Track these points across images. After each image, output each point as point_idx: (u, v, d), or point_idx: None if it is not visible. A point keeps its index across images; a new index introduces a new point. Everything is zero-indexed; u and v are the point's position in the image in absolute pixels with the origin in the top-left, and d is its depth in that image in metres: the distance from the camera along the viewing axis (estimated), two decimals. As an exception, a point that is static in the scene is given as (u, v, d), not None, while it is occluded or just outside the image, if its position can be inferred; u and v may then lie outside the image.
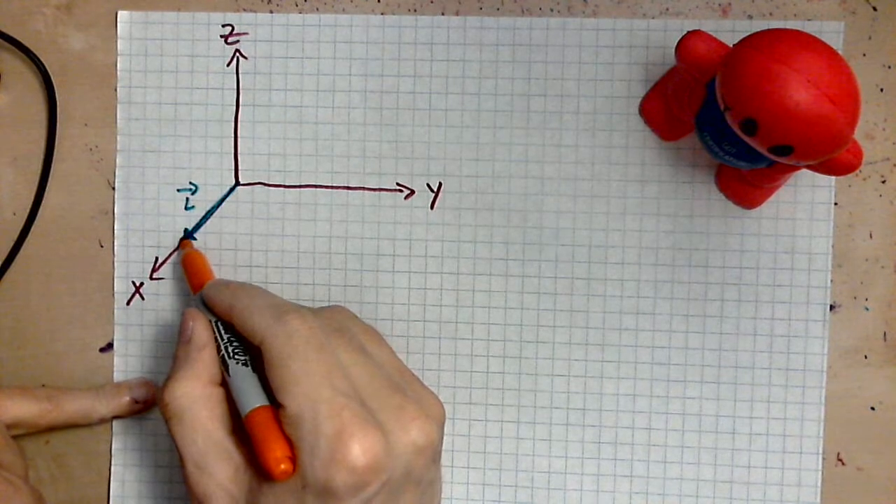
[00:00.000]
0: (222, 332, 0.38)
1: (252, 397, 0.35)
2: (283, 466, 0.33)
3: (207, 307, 0.39)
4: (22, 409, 0.41)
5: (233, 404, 0.36)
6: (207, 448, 0.36)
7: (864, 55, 0.41)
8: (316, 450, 0.33)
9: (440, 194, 0.42)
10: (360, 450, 0.32)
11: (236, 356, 0.37)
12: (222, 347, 0.37)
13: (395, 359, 0.38)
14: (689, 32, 0.36)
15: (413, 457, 0.34)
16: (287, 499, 0.33)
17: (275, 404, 0.35)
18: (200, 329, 0.38)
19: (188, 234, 0.43)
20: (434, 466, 0.36)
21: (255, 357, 0.37)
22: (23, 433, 0.42)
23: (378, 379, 0.35)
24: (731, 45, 0.35)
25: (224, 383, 0.37)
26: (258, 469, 0.35)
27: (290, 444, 0.33)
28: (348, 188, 0.43)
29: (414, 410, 0.35)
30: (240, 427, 0.36)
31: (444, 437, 0.42)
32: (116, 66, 0.43)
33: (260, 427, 0.34)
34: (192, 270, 0.42)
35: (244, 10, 0.43)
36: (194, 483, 0.36)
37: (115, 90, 0.43)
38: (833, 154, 0.33)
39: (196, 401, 0.36)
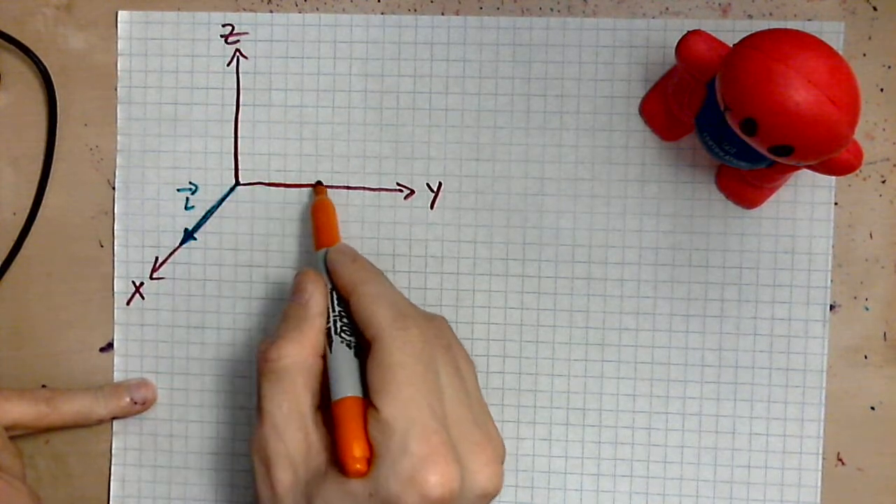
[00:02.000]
0: (335, 304, 0.37)
1: (347, 384, 0.35)
2: (358, 466, 0.33)
3: (328, 271, 0.38)
4: (20, 411, 0.41)
5: (326, 379, 0.36)
6: (291, 416, 0.35)
7: (864, 55, 0.41)
8: (397, 465, 0.32)
9: (440, 194, 0.42)
10: (438, 480, 0.32)
11: (343, 334, 0.36)
12: (331, 319, 0.37)
13: (478, 388, 0.37)
14: (689, 32, 0.36)
15: (477, 500, 0.34)
16: (350, 498, 0.33)
17: (368, 399, 0.34)
18: (319, 296, 0.37)
19: (189, 234, 0.43)
20: None
21: (360, 343, 0.36)
22: (21, 434, 0.42)
23: (466, 409, 0.35)
24: (731, 45, 0.35)
25: (324, 356, 0.37)
26: (332, 455, 0.34)
27: (371, 446, 0.33)
28: (348, 188, 0.43)
29: (491, 453, 0.34)
30: (326, 405, 0.36)
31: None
32: (116, 66, 0.43)
33: (347, 418, 0.34)
34: (321, 223, 0.41)
35: (244, 10, 0.43)
36: (265, 443, 0.35)
37: (115, 90, 0.43)
38: (833, 154, 0.33)
39: (296, 367, 0.36)
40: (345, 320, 0.37)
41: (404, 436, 0.33)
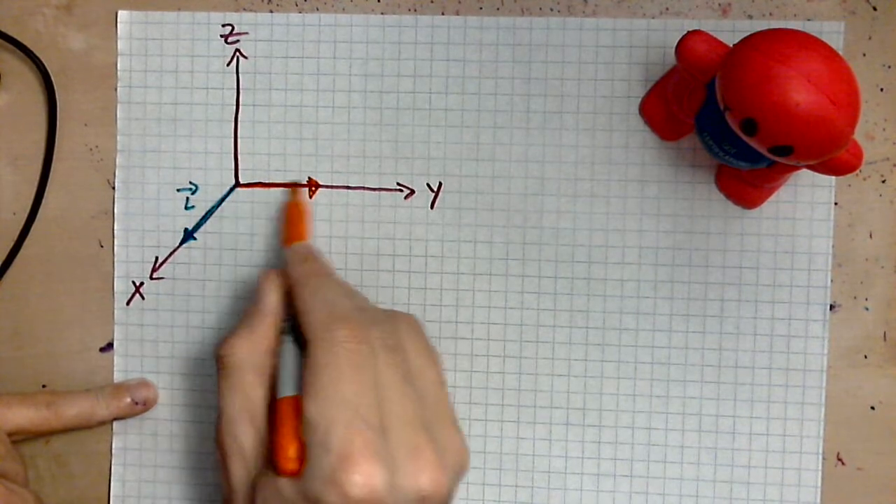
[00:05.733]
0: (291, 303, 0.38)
1: (289, 383, 0.35)
2: (290, 466, 0.33)
3: None
4: (22, 417, 0.41)
5: None
6: (242, 411, 0.36)
7: (864, 55, 0.41)
8: (319, 464, 0.33)
9: (440, 194, 0.42)
10: (359, 480, 0.32)
11: (293, 333, 0.37)
12: (285, 318, 0.37)
13: (440, 391, 0.37)
14: (689, 32, 0.36)
15: (415, 503, 0.33)
16: (281, 496, 0.33)
17: None
18: (272, 295, 0.38)
19: (189, 234, 0.43)
20: None
21: None
22: (23, 439, 0.42)
23: (410, 412, 0.34)
24: (731, 45, 0.35)
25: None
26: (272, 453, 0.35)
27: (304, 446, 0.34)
28: (348, 188, 0.43)
29: (431, 455, 0.34)
30: None
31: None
32: (116, 66, 0.43)
33: (284, 417, 0.34)
34: (289, 222, 0.41)
35: (244, 9, 0.43)
36: (221, 438, 0.36)
37: (115, 90, 0.43)
38: (833, 154, 0.33)
39: (246, 364, 0.37)
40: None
41: (326, 435, 0.33)
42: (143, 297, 0.44)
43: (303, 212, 0.42)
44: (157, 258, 0.43)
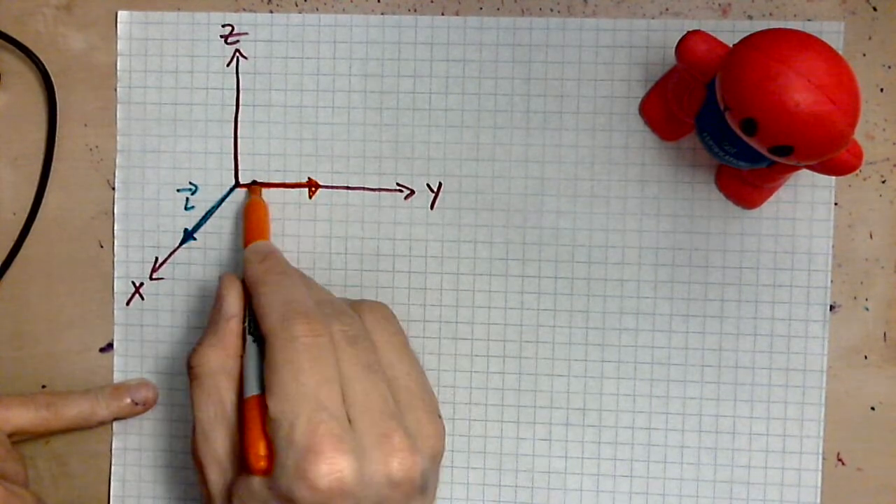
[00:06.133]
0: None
1: (253, 382, 0.35)
2: (262, 464, 0.33)
3: None
4: (22, 418, 0.41)
5: None
6: (216, 418, 0.36)
7: (864, 55, 0.41)
8: (285, 459, 0.33)
9: (440, 194, 0.42)
10: (326, 470, 0.32)
11: (254, 332, 0.37)
12: (247, 319, 0.37)
13: (413, 377, 0.37)
14: (689, 32, 0.36)
15: (387, 489, 0.33)
16: (255, 495, 0.34)
17: None
18: (231, 298, 0.38)
19: (189, 234, 0.43)
20: (416, 501, 0.35)
21: None
22: (23, 440, 0.42)
23: (375, 401, 0.34)
24: (731, 46, 0.35)
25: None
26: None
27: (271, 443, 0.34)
28: (348, 188, 0.43)
29: (400, 441, 0.34)
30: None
31: (446, 437, 0.42)
32: (116, 66, 0.43)
33: (251, 417, 0.34)
34: (250, 223, 0.41)
35: (244, 10, 0.43)
36: (196, 448, 0.36)
37: (115, 90, 0.43)
38: (833, 154, 0.33)
39: (217, 370, 0.37)
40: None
41: (290, 430, 0.33)
42: (142, 298, 0.44)
43: (262, 211, 0.42)
44: (156, 258, 0.43)
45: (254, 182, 0.43)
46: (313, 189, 0.43)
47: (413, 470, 0.34)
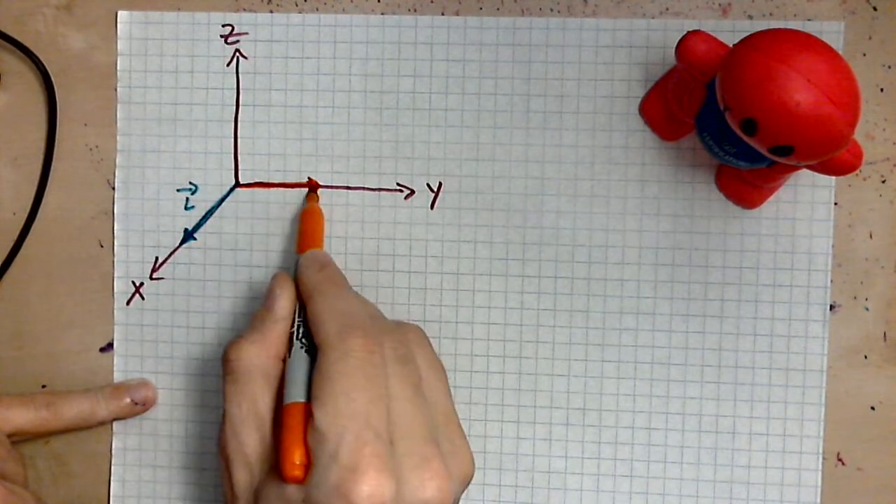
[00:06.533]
0: (302, 309, 0.37)
1: (297, 390, 0.35)
2: (296, 472, 0.33)
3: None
4: (22, 418, 0.41)
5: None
6: (248, 416, 0.36)
7: (864, 55, 0.41)
8: (327, 474, 0.32)
9: (440, 194, 0.42)
10: (367, 491, 0.32)
11: (304, 339, 0.36)
12: (296, 324, 0.37)
13: (448, 402, 0.37)
14: (689, 32, 0.36)
15: None
16: (288, 502, 0.33)
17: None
18: (284, 301, 0.38)
19: (189, 234, 0.43)
20: None
21: None
22: (23, 440, 0.42)
23: (418, 423, 0.34)
24: (731, 45, 0.35)
25: (285, 360, 0.37)
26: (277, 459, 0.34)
27: (310, 453, 0.33)
28: (348, 188, 0.43)
29: (438, 467, 0.34)
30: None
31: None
32: (116, 66, 0.43)
33: (291, 424, 0.34)
34: (306, 229, 0.41)
35: (244, 10, 0.43)
36: (225, 442, 0.36)
37: (115, 90, 0.43)
38: (833, 154, 0.33)
39: (255, 368, 0.36)
40: (309, 326, 0.37)
41: (336, 445, 0.32)
42: (142, 298, 0.44)
43: (319, 218, 0.41)
44: (157, 258, 0.43)
45: (312, 187, 0.42)
46: (313, 189, 0.43)
47: (447, 495, 0.34)
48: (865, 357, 0.41)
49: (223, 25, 0.43)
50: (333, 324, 0.35)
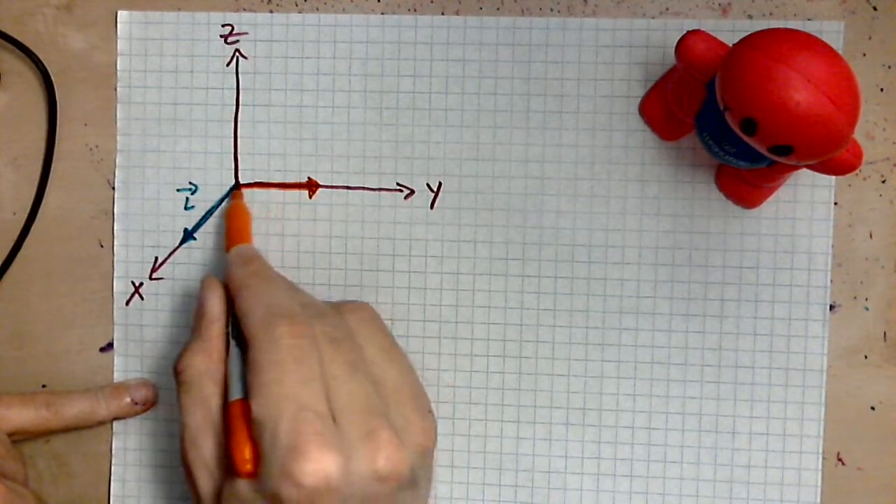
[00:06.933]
0: (232, 306, 0.38)
1: (237, 386, 0.35)
2: (247, 468, 0.33)
3: None
4: (22, 417, 0.41)
5: None
6: (204, 423, 0.36)
7: (864, 55, 0.41)
8: (271, 460, 0.33)
9: (440, 194, 0.42)
10: (311, 468, 0.32)
11: (238, 335, 0.37)
12: (230, 323, 0.37)
13: (399, 377, 0.37)
14: (689, 32, 0.36)
15: (374, 484, 0.33)
16: (244, 498, 0.34)
17: None
18: (213, 302, 0.38)
19: (189, 234, 0.43)
20: (406, 494, 0.35)
21: None
22: (23, 439, 0.42)
23: (360, 399, 0.34)
24: (731, 45, 0.35)
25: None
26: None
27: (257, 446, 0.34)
28: (348, 188, 0.43)
29: (387, 437, 0.34)
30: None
31: (445, 437, 0.42)
32: (116, 66, 0.43)
33: (236, 420, 0.34)
34: (232, 226, 0.41)
35: (244, 10, 0.43)
36: (185, 452, 0.36)
37: (115, 90, 0.43)
38: (833, 154, 0.33)
39: (202, 375, 0.37)
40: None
41: (274, 431, 0.33)
42: (142, 298, 0.44)
43: (245, 215, 0.42)
44: (156, 258, 0.43)
45: (236, 186, 0.43)
46: (313, 189, 0.43)
47: (401, 464, 0.34)
48: (865, 357, 0.41)
49: (223, 25, 0.43)
50: (258, 316, 0.35)
